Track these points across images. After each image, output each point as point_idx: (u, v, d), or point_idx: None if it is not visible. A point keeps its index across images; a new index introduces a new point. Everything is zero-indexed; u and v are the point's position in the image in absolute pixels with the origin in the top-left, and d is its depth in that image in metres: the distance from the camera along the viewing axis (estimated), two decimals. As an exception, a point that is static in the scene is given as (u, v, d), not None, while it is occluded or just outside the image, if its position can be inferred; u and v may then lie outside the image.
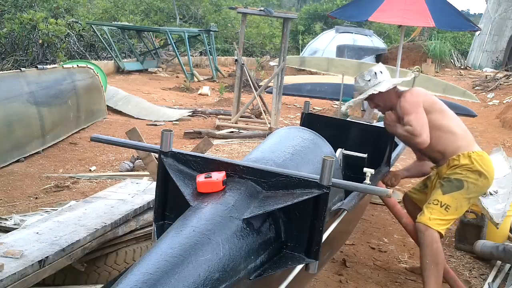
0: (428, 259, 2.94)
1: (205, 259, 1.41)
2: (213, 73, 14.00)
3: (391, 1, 6.00)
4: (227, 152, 6.39)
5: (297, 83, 9.97)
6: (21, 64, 11.20)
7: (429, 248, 2.94)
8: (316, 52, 16.01)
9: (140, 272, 1.33)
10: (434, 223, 2.96)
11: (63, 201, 4.20)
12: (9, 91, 5.49)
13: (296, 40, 20.09)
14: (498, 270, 3.66)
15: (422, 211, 3.06)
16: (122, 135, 6.19)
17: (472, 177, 3.02)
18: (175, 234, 1.50)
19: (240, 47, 7.90)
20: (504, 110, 10.34)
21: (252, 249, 1.60)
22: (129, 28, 14.35)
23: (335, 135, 3.27)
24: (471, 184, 3.01)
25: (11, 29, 11.49)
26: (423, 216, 3.01)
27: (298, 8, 27.43)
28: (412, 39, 17.91)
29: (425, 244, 2.96)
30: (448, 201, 3.00)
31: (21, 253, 2.26)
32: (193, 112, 8.78)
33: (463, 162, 3.03)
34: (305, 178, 1.72)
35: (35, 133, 5.69)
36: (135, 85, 11.31)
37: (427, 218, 2.98)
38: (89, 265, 2.72)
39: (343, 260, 3.59)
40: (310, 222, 1.70)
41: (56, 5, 13.73)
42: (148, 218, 3.04)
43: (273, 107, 7.73)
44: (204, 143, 3.71)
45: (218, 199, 1.67)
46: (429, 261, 2.94)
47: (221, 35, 18.33)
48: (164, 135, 1.83)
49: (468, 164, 3.02)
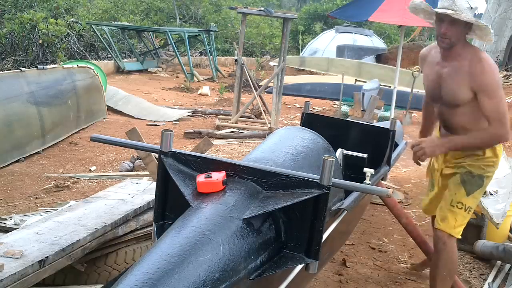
0: (445, 271, 2.70)
1: (205, 259, 1.41)
2: (213, 73, 13.99)
3: (391, 1, 6.00)
4: (227, 152, 6.39)
5: (297, 83, 9.98)
6: (21, 64, 11.19)
7: (450, 260, 2.70)
8: (316, 52, 16.00)
9: (140, 272, 1.33)
10: (458, 231, 2.67)
11: (63, 201, 4.20)
12: (9, 91, 5.49)
13: (296, 40, 20.07)
14: (498, 270, 3.65)
15: (444, 216, 2.69)
16: (122, 135, 6.19)
17: (491, 172, 2.73)
18: (175, 234, 1.50)
19: (240, 47, 7.90)
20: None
21: (252, 249, 1.60)
22: (129, 28, 14.34)
23: (335, 135, 3.27)
24: (488, 180, 2.73)
25: (11, 29, 11.49)
26: (447, 224, 2.66)
27: (298, 8, 27.42)
28: (412, 39, 17.90)
29: (446, 256, 2.68)
30: (471, 203, 2.69)
31: (21, 253, 2.27)
32: (193, 112, 8.78)
33: (488, 154, 2.68)
34: (305, 178, 1.72)
35: (35, 133, 5.69)
36: (135, 85, 11.30)
37: (452, 226, 2.66)
38: (89, 265, 2.72)
39: (343, 260, 3.59)
40: (310, 222, 1.70)
41: (56, 5, 13.73)
42: (148, 218, 3.04)
43: (273, 107, 7.73)
44: (204, 143, 3.71)
45: (218, 199, 1.67)
46: (446, 273, 2.71)
47: (221, 35, 18.32)
48: (164, 135, 1.83)
49: (492, 158, 2.69)
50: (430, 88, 2.74)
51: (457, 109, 2.62)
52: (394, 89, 6.32)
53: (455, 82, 2.55)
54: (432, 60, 2.73)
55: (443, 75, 2.62)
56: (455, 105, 2.60)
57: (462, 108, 2.59)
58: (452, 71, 2.57)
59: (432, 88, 2.72)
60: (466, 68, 2.51)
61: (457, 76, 2.54)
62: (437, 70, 2.66)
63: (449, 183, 2.78)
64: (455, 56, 2.57)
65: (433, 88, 2.70)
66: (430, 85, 2.73)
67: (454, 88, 2.56)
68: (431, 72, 2.70)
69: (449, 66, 2.59)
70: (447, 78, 2.59)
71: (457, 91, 2.55)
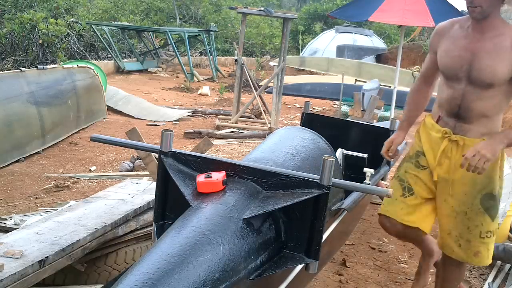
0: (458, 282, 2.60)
1: (205, 259, 1.41)
2: (213, 73, 14.00)
3: (391, 1, 6.01)
4: (227, 152, 6.39)
5: (297, 83, 9.99)
6: (21, 64, 11.20)
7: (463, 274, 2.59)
8: (316, 52, 16.01)
9: (140, 272, 1.33)
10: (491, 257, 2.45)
11: (63, 201, 4.20)
12: (9, 91, 5.49)
13: (296, 40, 20.07)
14: (498, 270, 3.65)
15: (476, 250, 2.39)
16: (122, 135, 6.19)
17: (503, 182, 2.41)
18: (175, 234, 1.50)
19: (240, 47, 7.90)
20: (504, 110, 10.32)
21: (252, 249, 1.60)
22: (129, 28, 14.35)
23: (335, 135, 3.28)
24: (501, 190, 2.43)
25: (11, 29, 11.48)
26: (482, 257, 2.39)
27: (298, 8, 27.42)
28: (412, 39, 17.91)
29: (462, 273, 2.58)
30: (497, 224, 2.41)
31: (21, 253, 2.26)
32: (193, 112, 8.78)
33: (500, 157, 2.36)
34: (305, 178, 1.72)
35: (35, 133, 5.69)
36: (135, 85, 11.31)
37: (487, 257, 2.41)
38: (89, 265, 2.72)
39: (343, 260, 3.59)
40: (310, 222, 1.70)
41: (56, 5, 13.73)
42: (148, 218, 3.04)
43: (273, 107, 7.73)
44: (204, 143, 3.71)
45: (218, 199, 1.67)
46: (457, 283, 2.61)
47: (221, 35, 18.33)
48: (164, 135, 1.83)
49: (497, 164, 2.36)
50: (453, 65, 2.34)
51: (487, 91, 2.28)
52: (394, 89, 6.33)
53: (493, 57, 2.22)
54: (456, 35, 2.37)
55: (477, 49, 2.27)
56: (488, 85, 2.26)
57: (493, 91, 2.27)
58: (490, 45, 2.24)
59: (457, 65, 2.32)
60: (508, 43, 2.21)
61: (496, 51, 2.22)
62: (465, 44, 2.31)
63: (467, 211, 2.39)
64: (491, 29, 2.25)
65: (459, 65, 2.31)
66: (455, 62, 2.33)
67: (492, 64, 2.22)
68: (456, 47, 2.34)
69: (485, 40, 2.26)
70: (482, 53, 2.25)
71: (496, 67, 2.22)
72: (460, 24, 2.39)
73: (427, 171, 2.49)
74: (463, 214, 2.40)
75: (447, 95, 2.40)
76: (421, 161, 2.51)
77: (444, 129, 2.41)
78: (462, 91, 2.33)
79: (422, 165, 2.51)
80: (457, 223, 2.42)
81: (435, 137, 2.46)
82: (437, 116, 2.48)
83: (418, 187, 2.51)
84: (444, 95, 2.43)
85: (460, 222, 2.42)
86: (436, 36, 2.49)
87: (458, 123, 2.37)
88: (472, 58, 2.27)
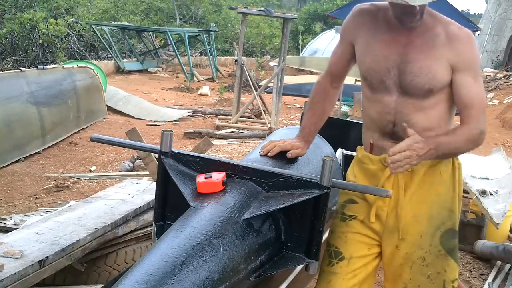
0: None
1: (205, 259, 1.41)
2: (213, 73, 14.00)
3: (391, 1, 6.00)
4: (227, 152, 6.39)
5: (297, 83, 10.00)
6: (21, 64, 11.20)
7: None
8: (316, 52, 16.00)
9: (140, 272, 1.33)
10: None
11: (63, 201, 4.20)
12: (9, 91, 5.49)
13: (296, 40, 20.08)
14: (498, 270, 3.66)
15: None
16: (122, 135, 6.19)
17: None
18: (175, 235, 1.50)
19: (240, 47, 7.90)
20: (504, 110, 10.34)
21: (252, 250, 1.60)
22: (129, 28, 14.36)
23: (335, 135, 3.27)
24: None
25: (11, 29, 11.49)
26: None
27: (298, 8, 27.42)
28: (412, 39, 17.89)
29: None
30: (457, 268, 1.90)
31: (21, 253, 2.26)
32: (193, 112, 8.79)
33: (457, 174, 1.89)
34: (305, 179, 1.71)
35: (35, 133, 5.69)
36: (135, 85, 11.31)
37: None
38: (89, 265, 2.72)
39: (343, 260, 3.58)
40: (310, 223, 1.70)
41: (56, 5, 13.74)
42: (148, 218, 3.03)
43: (273, 107, 7.74)
44: (204, 143, 3.71)
45: (218, 199, 1.67)
46: None
47: (221, 35, 18.33)
48: (164, 135, 1.83)
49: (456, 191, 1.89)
50: (379, 72, 1.81)
51: (426, 100, 1.79)
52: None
53: (429, 57, 1.74)
54: (379, 27, 1.83)
55: (410, 51, 1.77)
56: (427, 91, 1.77)
57: (434, 98, 1.79)
58: (423, 44, 1.76)
59: (384, 71, 1.80)
60: (443, 37, 1.75)
61: (431, 50, 1.75)
62: (390, 41, 1.80)
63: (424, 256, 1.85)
64: (423, 24, 1.76)
65: (386, 71, 1.80)
66: (381, 67, 1.80)
67: (429, 65, 1.74)
68: (383, 48, 1.80)
69: (418, 38, 1.77)
70: (417, 54, 1.76)
71: (434, 69, 1.74)
72: (385, 14, 1.82)
73: (357, 220, 1.92)
74: (420, 261, 1.85)
75: (376, 111, 1.87)
76: (347, 212, 1.95)
77: (382, 156, 1.86)
78: (395, 103, 1.81)
79: (349, 215, 1.94)
80: (414, 273, 1.86)
81: (372, 170, 1.91)
82: (368, 145, 1.93)
83: (349, 246, 1.91)
84: (371, 113, 1.90)
85: (417, 272, 1.86)
86: (355, 22, 1.90)
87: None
88: (406, 61, 1.77)
